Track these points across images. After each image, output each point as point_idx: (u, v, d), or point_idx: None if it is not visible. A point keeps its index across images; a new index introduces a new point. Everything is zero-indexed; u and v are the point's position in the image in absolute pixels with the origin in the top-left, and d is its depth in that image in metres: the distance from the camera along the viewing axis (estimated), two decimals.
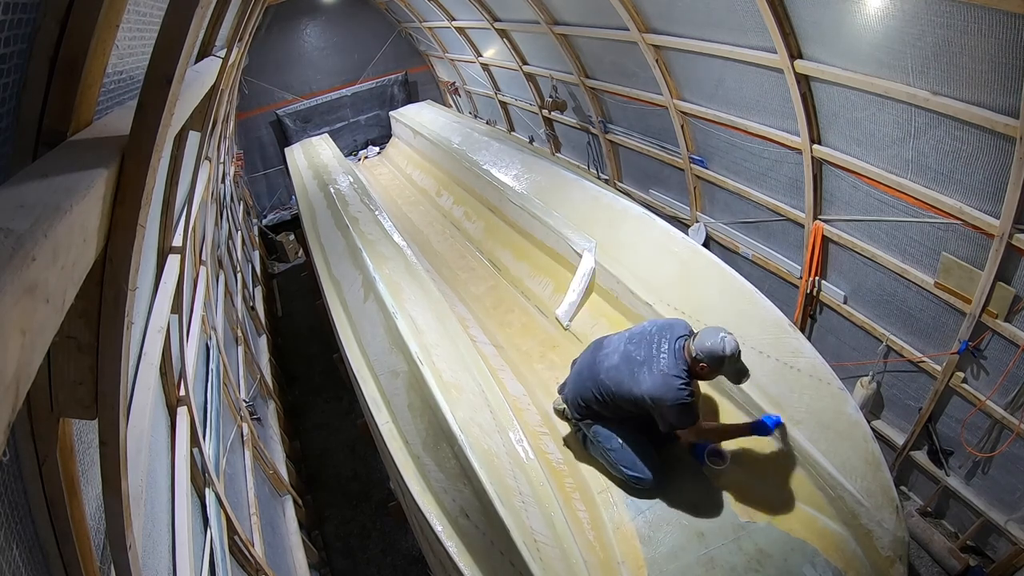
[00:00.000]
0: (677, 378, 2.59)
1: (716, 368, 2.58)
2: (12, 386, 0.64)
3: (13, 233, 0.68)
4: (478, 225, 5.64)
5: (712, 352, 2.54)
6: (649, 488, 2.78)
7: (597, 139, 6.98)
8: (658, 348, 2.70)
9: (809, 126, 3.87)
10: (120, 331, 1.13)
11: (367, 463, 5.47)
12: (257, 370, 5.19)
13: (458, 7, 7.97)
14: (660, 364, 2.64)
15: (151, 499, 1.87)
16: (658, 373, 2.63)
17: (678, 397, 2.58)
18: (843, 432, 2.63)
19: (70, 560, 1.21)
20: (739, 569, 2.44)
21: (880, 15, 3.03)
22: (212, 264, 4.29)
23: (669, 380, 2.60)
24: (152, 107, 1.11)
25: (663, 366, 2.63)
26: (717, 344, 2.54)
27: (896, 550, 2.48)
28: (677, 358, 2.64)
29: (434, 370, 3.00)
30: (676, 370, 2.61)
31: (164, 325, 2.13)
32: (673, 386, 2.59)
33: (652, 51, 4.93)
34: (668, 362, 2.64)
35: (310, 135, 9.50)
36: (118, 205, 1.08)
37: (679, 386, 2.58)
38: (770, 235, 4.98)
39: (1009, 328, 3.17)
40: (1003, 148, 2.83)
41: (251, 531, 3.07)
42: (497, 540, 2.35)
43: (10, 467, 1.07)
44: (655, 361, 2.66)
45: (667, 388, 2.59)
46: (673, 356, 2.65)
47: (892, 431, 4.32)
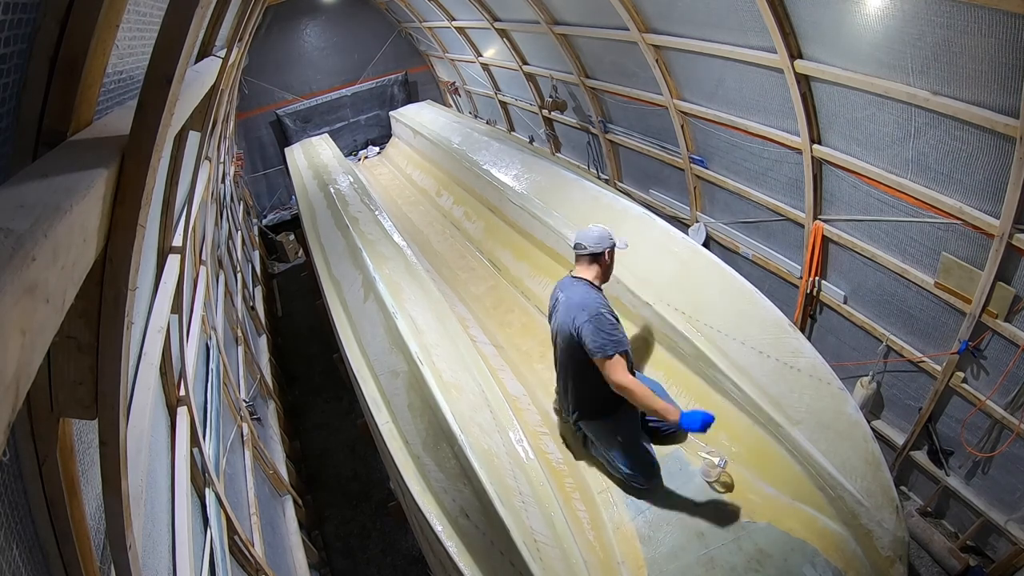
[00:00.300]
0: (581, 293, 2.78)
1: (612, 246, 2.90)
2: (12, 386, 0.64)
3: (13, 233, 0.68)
4: (478, 225, 5.64)
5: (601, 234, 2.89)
6: (649, 487, 2.78)
7: (597, 139, 6.98)
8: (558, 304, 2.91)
9: (809, 126, 3.87)
10: (120, 331, 1.13)
11: (367, 463, 5.47)
12: (257, 370, 5.19)
13: (458, 7, 7.97)
14: (563, 302, 2.84)
15: (151, 499, 1.87)
16: (564, 308, 2.81)
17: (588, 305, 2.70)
18: (843, 432, 2.63)
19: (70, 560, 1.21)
20: (739, 569, 2.44)
21: (880, 15, 3.03)
22: (212, 264, 4.29)
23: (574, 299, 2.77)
24: (152, 107, 1.11)
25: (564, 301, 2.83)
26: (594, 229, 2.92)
27: (896, 550, 2.48)
28: (571, 286, 2.87)
29: (434, 370, 3.00)
30: (578, 291, 2.81)
31: (164, 325, 2.13)
32: (579, 298, 2.75)
33: (652, 51, 4.93)
34: (566, 296, 2.84)
35: (310, 135, 9.49)
36: (118, 205, 1.08)
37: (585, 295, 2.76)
38: (770, 235, 4.98)
39: (1009, 328, 3.17)
40: (1003, 148, 2.83)
41: (251, 531, 3.07)
42: (497, 540, 2.35)
43: (10, 467, 1.07)
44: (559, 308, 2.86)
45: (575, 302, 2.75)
46: (567, 290, 2.87)
47: (892, 431, 4.33)
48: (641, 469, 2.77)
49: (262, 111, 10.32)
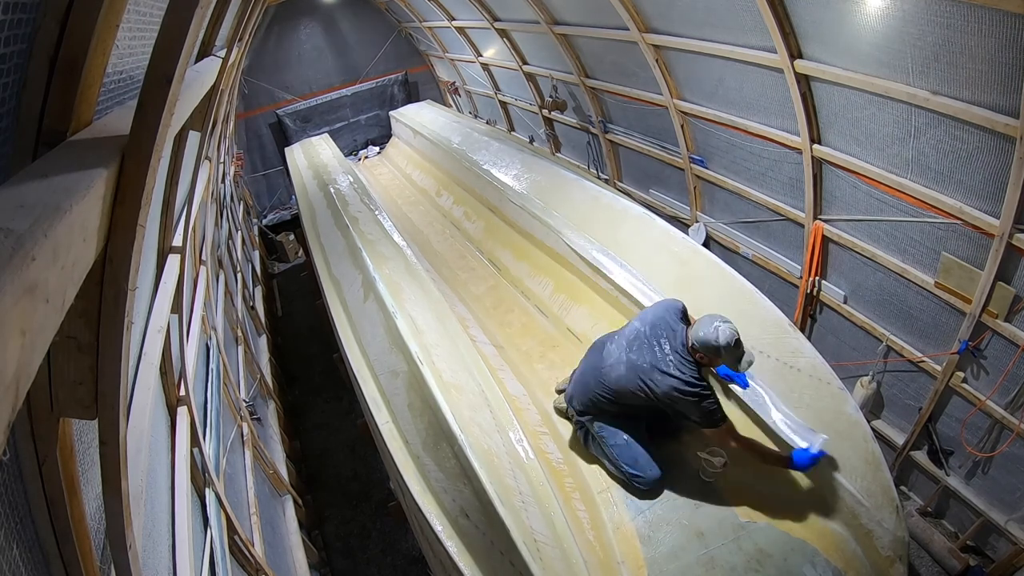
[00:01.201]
0: (686, 373, 2.58)
1: (714, 357, 2.57)
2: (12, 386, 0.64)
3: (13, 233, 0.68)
4: (478, 225, 5.64)
5: (706, 343, 2.53)
6: (650, 487, 2.78)
7: (597, 139, 6.98)
8: (661, 350, 2.67)
9: (809, 126, 3.87)
10: (120, 331, 1.13)
11: (367, 463, 5.47)
12: (257, 370, 5.19)
13: (458, 7, 7.97)
14: (668, 367, 2.61)
15: (151, 499, 1.87)
16: (669, 376, 2.60)
17: (693, 391, 2.56)
18: (843, 432, 2.63)
19: (70, 560, 1.21)
20: (739, 569, 2.44)
21: (880, 15, 3.03)
22: (212, 264, 4.29)
23: (680, 379, 2.58)
24: (152, 107, 1.11)
25: (671, 369, 2.61)
26: (711, 335, 2.53)
27: (896, 550, 2.48)
28: (681, 354, 2.63)
29: (434, 370, 3.00)
30: (684, 366, 2.60)
31: (164, 325, 2.13)
32: (686, 382, 2.57)
33: (652, 51, 4.93)
34: (675, 361, 2.62)
35: (310, 135, 9.49)
36: (118, 205, 1.08)
37: (690, 380, 2.57)
38: (770, 235, 4.98)
39: (1009, 328, 3.17)
40: (1003, 148, 2.83)
41: (251, 531, 3.07)
42: (497, 540, 2.35)
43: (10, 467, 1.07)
44: (661, 364, 2.63)
45: (681, 386, 2.57)
46: (677, 354, 2.63)
47: (892, 431, 4.33)
48: (643, 469, 2.77)
49: (262, 111, 10.32)
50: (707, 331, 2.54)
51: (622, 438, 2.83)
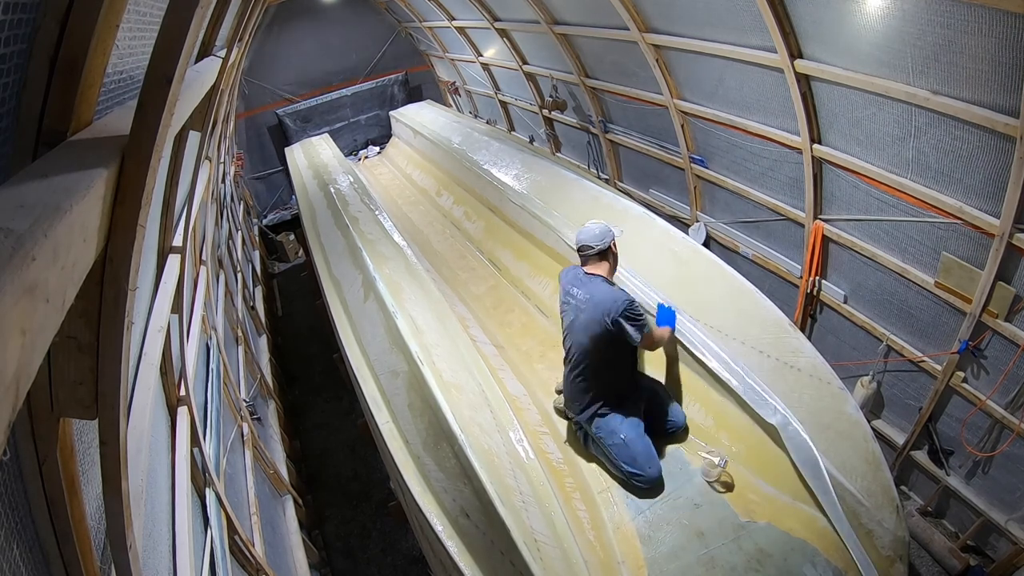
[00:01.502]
0: (605, 290, 2.86)
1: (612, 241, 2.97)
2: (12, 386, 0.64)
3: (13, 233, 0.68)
4: (478, 225, 5.64)
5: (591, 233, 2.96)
6: (649, 486, 2.79)
7: (597, 139, 6.98)
8: (575, 299, 2.98)
9: (809, 126, 3.87)
10: (120, 331, 1.13)
11: (367, 463, 5.47)
12: (257, 370, 5.19)
13: (458, 7, 7.97)
14: (586, 300, 2.90)
15: (151, 499, 1.87)
16: (591, 305, 2.86)
17: (619, 298, 2.80)
18: (843, 432, 2.63)
19: (70, 560, 1.21)
20: (739, 569, 2.44)
21: (880, 14, 3.03)
22: (212, 264, 4.30)
23: (600, 296, 2.84)
24: (152, 107, 1.11)
25: (589, 299, 2.89)
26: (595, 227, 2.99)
27: (896, 550, 2.48)
28: (589, 282, 2.94)
29: (434, 370, 3.00)
30: (599, 289, 2.88)
31: (164, 325, 2.13)
32: (610, 296, 2.82)
33: (652, 51, 4.93)
34: (586, 293, 2.91)
35: (310, 135, 9.50)
36: (118, 205, 1.08)
37: (613, 291, 2.86)
38: (770, 235, 4.98)
39: (1009, 328, 3.16)
40: (1003, 148, 2.83)
41: (251, 531, 3.07)
42: (497, 540, 2.35)
43: (10, 467, 1.07)
44: (582, 306, 2.91)
45: (608, 300, 2.81)
46: (585, 287, 2.93)
47: (892, 431, 4.32)
48: (642, 468, 2.78)
49: (262, 111, 10.31)
50: (594, 228, 2.99)
51: (619, 438, 2.83)
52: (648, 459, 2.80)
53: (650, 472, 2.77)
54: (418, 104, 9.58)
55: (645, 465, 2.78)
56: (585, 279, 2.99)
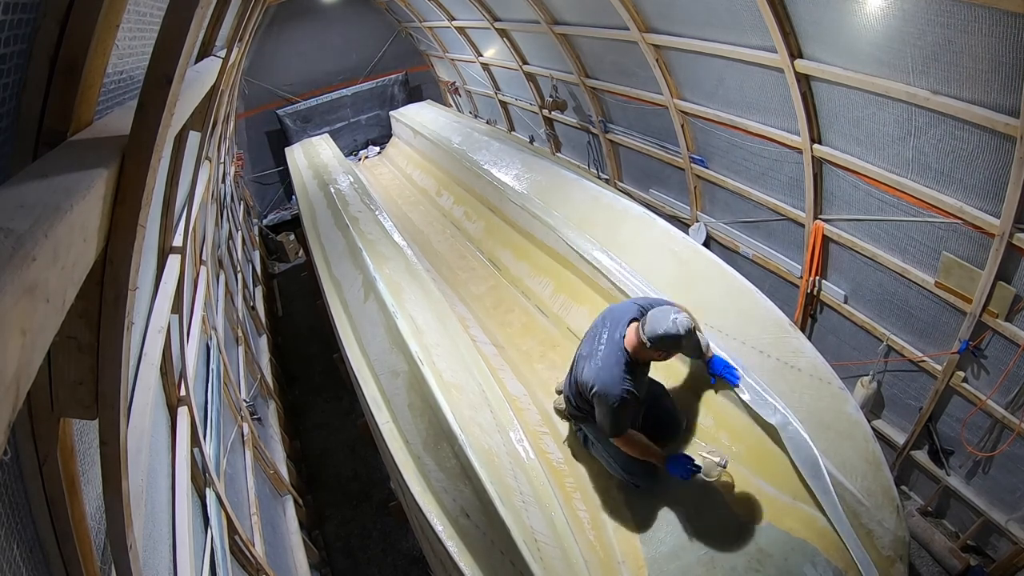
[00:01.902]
0: (613, 370, 2.53)
1: (673, 350, 2.56)
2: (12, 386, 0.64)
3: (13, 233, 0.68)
4: (478, 225, 5.64)
5: (667, 336, 2.47)
6: (648, 487, 2.78)
7: (597, 139, 6.98)
8: (599, 340, 2.65)
9: (809, 125, 3.87)
10: (120, 331, 1.13)
11: (367, 463, 5.47)
12: (257, 370, 5.19)
13: (458, 7, 7.97)
14: (598, 357, 2.59)
15: (151, 499, 1.87)
16: (594, 367, 2.56)
17: (611, 390, 2.49)
18: (844, 432, 2.63)
19: (70, 560, 1.21)
20: (739, 569, 2.44)
21: (880, 14, 3.02)
22: (212, 264, 4.29)
23: (605, 373, 2.52)
24: (152, 107, 1.11)
25: (599, 360, 2.58)
26: (671, 328, 2.47)
27: (897, 550, 2.47)
28: (615, 347, 2.58)
29: (434, 370, 3.00)
30: (613, 362, 2.55)
31: (164, 325, 2.13)
32: (608, 379, 2.51)
33: (652, 51, 4.93)
34: (603, 354, 2.58)
35: (310, 135, 9.49)
36: (118, 205, 1.08)
37: (617, 379, 2.51)
38: (770, 235, 4.98)
39: (1009, 328, 3.16)
40: (1003, 148, 2.83)
41: (252, 531, 3.07)
42: (498, 540, 2.35)
43: (10, 467, 1.07)
44: (596, 354, 2.62)
45: (604, 380, 2.52)
46: (610, 346, 2.58)
47: (892, 431, 4.32)
48: (640, 470, 2.77)
49: (262, 111, 10.31)
50: (666, 326, 2.48)
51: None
52: (645, 465, 2.79)
53: (648, 476, 2.77)
54: (418, 104, 9.58)
55: (643, 468, 2.77)
56: (617, 340, 2.62)
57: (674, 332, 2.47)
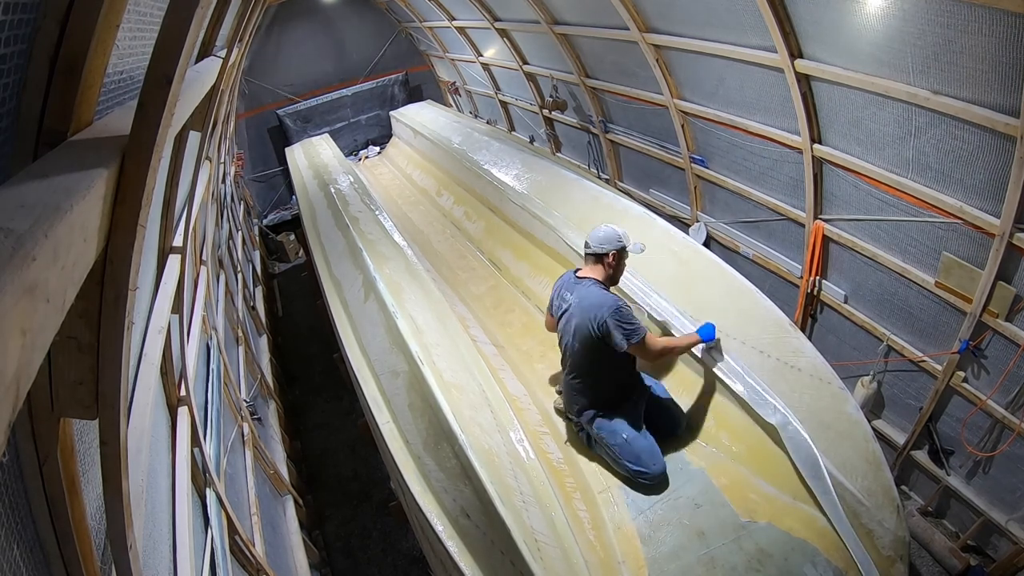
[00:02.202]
0: (593, 294, 2.82)
1: (618, 246, 2.90)
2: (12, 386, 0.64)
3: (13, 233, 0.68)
4: (478, 225, 5.64)
5: (608, 238, 2.89)
6: (654, 482, 2.79)
7: (597, 139, 6.98)
8: (566, 303, 2.94)
9: (809, 125, 3.87)
10: (120, 331, 1.13)
11: (368, 463, 5.47)
12: (257, 370, 5.19)
13: (458, 7, 7.97)
14: (575, 306, 2.87)
15: (152, 499, 1.87)
16: (580, 311, 2.83)
17: (605, 302, 2.77)
18: (844, 432, 2.63)
19: (71, 560, 1.21)
20: (740, 569, 2.44)
21: (880, 14, 3.02)
22: (212, 264, 4.30)
23: (589, 303, 2.80)
24: (152, 107, 1.11)
25: (577, 304, 2.86)
26: (605, 231, 2.91)
27: (897, 550, 2.47)
28: (584, 288, 2.89)
29: (434, 370, 3.00)
30: (587, 292, 2.85)
31: (164, 325, 2.13)
32: (597, 300, 2.79)
33: (652, 51, 4.93)
34: (576, 298, 2.88)
35: (310, 135, 9.50)
36: (118, 205, 1.08)
37: (600, 295, 2.81)
38: (771, 235, 4.98)
39: (1010, 328, 3.16)
40: (1003, 147, 2.83)
41: (252, 531, 3.07)
42: (498, 540, 2.35)
43: (10, 467, 1.07)
44: (572, 311, 2.89)
45: (595, 307, 2.77)
46: (575, 291, 2.91)
47: (893, 431, 4.32)
48: (647, 465, 2.78)
49: (262, 111, 10.32)
50: (600, 232, 2.92)
51: (622, 437, 2.84)
52: (652, 456, 2.81)
53: (655, 469, 2.78)
54: (418, 104, 9.58)
55: (649, 462, 2.79)
56: (575, 283, 2.97)
57: (607, 230, 2.92)
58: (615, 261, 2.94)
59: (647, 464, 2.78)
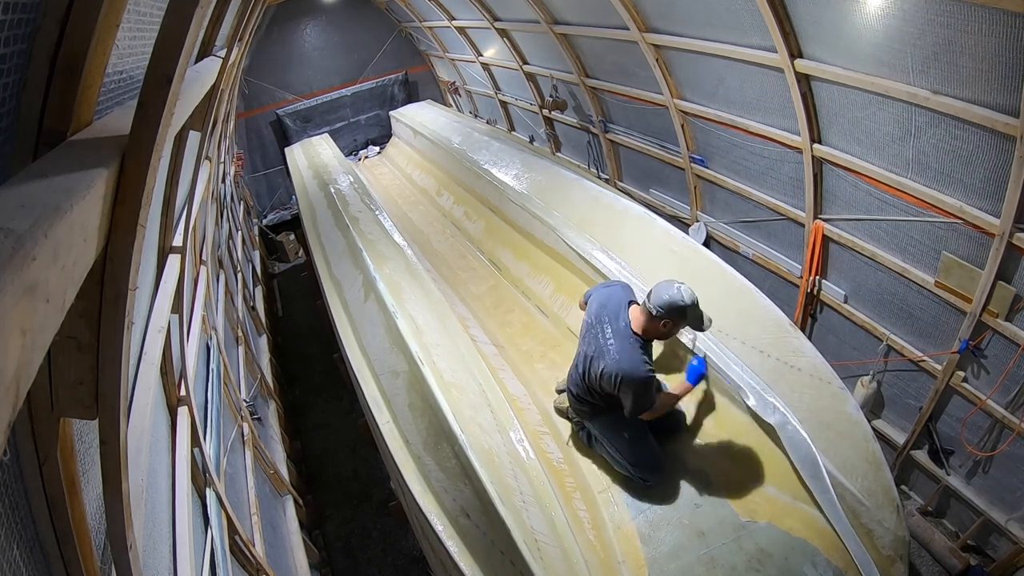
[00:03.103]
0: (632, 356, 2.59)
1: (680, 320, 2.60)
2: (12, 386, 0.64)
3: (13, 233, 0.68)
4: (478, 225, 5.64)
5: (672, 304, 2.55)
6: (655, 482, 2.79)
7: (597, 139, 6.98)
8: (604, 335, 2.69)
9: (809, 125, 3.87)
10: (120, 331, 1.13)
11: (368, 463, 5.47)
12: (257, 370, 5.19)
13: (458, 7, 7.96)
14: (611, 352, 2.63)
15: (151, 499, 1.87)
16: (613, 360, 2.61)
17: (637, 374, 2.56)
18: (844, 431, 2.63)
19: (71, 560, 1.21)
20: (740, 568, 2.44)
21: (880, 14, 3.02)
22: (212, 264, 4.29)
23: (626, 362, 2.58)
24: (152, 107, 1.11)
25: (614, 354, 2.62)
26: (676, 296, 2.55)
27: (897, 549, 2.47)
28: (624, 336, 2.64)
29: (434, 370, 3.00)
30: (628, 349, 2.61)
31: (164, 325, 2.13)
32: (630, 366, 2.58)
33: (652, 50, 4.93)
34: (617, 346, 2.63)
35: (310, 135, 9.49)
36: (118, 205, 1.08)
37: (638, 363, 2.58)
38: (771, 234, 4.98)
39: (1009, 327, 3.16)
40: (1003, 147, 2.83)
41: (252, 531, 3.07)
42: (498, 540, 2.35)
43: (10, 467, 1.07)
44: (607, 348, 2.65)
45: (626, 370, 2.57)
46: (619, 337, 2.65)
47: (893, 430, 4.32)
48: (647, 464, 2.78)
49: (262, 111, 10.32)
50: (671, 294, 2.56)
51: (623, 437, 2.83)
52: (653, 456, 2.81)
53: (655, 468, 2.79)
54: (418, 104, 9.58)
55: (650, 462, 2.79)
56: (623, 329, 2.66)
57: (679, 299, 2.55)
58: (669, 329, 2.65)
59: (648, 464, 2.79)
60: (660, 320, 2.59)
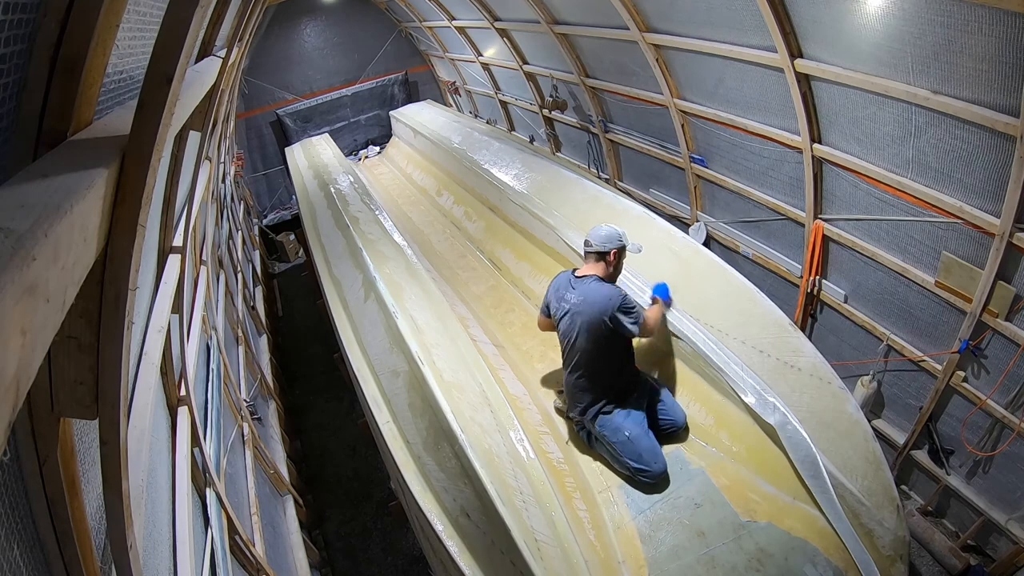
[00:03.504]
0: (597, 290, 2.90)
1: (621, 249, 2.99)
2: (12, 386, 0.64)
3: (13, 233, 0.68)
4: (478, 224, 5.64)
5: (611, 234, 2.97)
6: (655, 481, 2.80)
7: (597, 138, 6.98)
8: (567, 302, 2.98)
9: (809, 125, 3.87)
10: (120, 331, 1.13)
11: (368, 463, 5.48)
12: (258, 370, 5.19)
13: (458, 7, 7.97)
14: (578, 305, 2.91)
15: (152, 499, 1.87)
16: (586, 308, 2.88)
17: (611, 295, 2.86)
18: (844, 431, 2.63)
19: (71, 560, 1.21)
20: (740, 568, 2.44)
21: (880, 14, 3.02)
22: (212, 264, 4.29)
23: (595, 298, 2.87)
24: (152, 107, 1.11)
25: (581, 304, 2.90)
26: (609, 229, 3.00)
27: (897, 549, 2.48)
28: (584, 286, 2.94)
29: (435, 370, 3.00)
30: (591, 289, 2.91)
31: (164, 325, 2.13)
32: (599, 295, 2.87)
33: (652, 50, 4.93)
34: (580, 295, 2.92)
35: (310, 135, 9.49)
36: (118, 205, 1.08)
37: (604, 289, 2.89)
38: (771, 234, 4.98)
39: (1010, 327, 3.16)
40: (1003, 147, 2.83)
41: (252, 531, 3.07)
42: (498, 540, 2.35)
43: (11, 467, 1.07)
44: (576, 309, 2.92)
45: (602, 302, 2.85)
46: (580, 290, 2.94)
47: (893, 430, 4.32)
48: (648, 463, 2.79)
49: (262, 111, 10.32)
50: (604, 230, 2.99)
51: (624, 435, 2.84)
52: (653, 454, 2.81)
53: (656, 467, 2.79)
54: (418, 104, 9.58)
55: (651, 461, 2.79)
56: (576, 281, 3.01)
57: (613, 230, 2.99)
58: (616, 259, 3.01)
59: (648, 462, 2.79)
60: (608, 254, 2.97)
